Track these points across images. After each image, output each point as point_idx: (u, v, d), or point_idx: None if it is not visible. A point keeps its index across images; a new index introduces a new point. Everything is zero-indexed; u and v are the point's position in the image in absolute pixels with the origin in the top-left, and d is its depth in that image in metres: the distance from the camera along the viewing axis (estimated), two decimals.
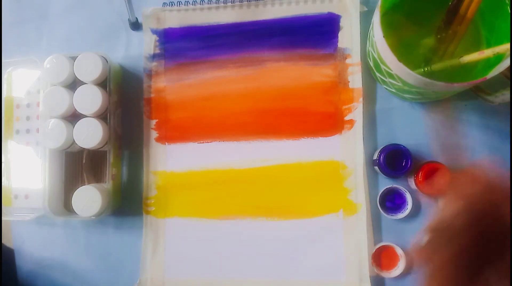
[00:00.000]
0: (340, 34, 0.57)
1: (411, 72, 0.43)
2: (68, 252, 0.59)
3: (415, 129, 0.54)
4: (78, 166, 0.59)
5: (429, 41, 0.53)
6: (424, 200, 0.54)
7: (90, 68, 0.54)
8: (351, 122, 0.55)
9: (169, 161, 0.58)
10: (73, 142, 0.54)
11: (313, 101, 0.56)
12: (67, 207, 0.57)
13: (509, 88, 0.48)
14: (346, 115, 0.55)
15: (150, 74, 0.60)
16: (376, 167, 0.53)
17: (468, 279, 0.33)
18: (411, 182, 0.53)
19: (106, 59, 0.55)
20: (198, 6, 0.59)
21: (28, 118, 0.61)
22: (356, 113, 0.55)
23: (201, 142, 0.58)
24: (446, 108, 0.54)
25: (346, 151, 0.55)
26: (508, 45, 0.43)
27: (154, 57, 0.60)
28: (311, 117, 0.56)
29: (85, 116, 0.54)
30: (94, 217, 0.53)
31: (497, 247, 0.33)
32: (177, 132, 0.58)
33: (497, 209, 0.34)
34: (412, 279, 0.53)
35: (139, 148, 0.59)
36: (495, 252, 0.33)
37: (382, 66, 0.48)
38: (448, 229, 0.34)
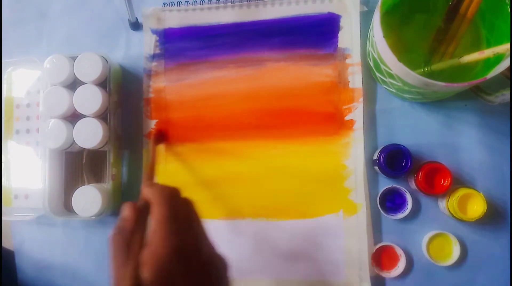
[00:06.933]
0: (340, 34, 0.57)
1: (411, 72, 0.43)
2: (68, 252, 0.59)
3: (415, 129, 0.54)
4: (78, 166, 0.59)
5: (429, 41, 0.53)
6: (424, 200, 0.54)
7: (90, 68, 0.54)
8: (351, 122, 0.55)
9: (169, 161, 0.58)
10: (73, 142, 0.54)
11: (313, 101, 0.56)
12: (67, 207, 0.57)
13: (509, 88, 0.48)
14: (346, 115, 0.55)
15: (150, 74, 0.60)
16: (376, 167, 0.53)
17: None
18: (411, 182, 0.53)
19: (106, 59, 0.55)
20: (198, 6, 0.59)
21: (28, 118, 0.61)
22: (356, 113, 0.55)
23: (201, 142, 0.58)
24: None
25: (346, 151, 0.55)
26: (508, 45, 0.43)
27: (154, 57, 0.60)
28: (311, 117, 0.56)
29: (85, 116, 0.54)
30: (94, 217, 0.53)
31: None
32: (177, 132, 0.58)
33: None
34: (412, 279, 0.53)
35: (139, 148, 0.59)
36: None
37: (382, 66, 0.48)
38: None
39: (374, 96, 0.56)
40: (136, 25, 0.61)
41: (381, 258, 0.53)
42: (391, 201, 0.54)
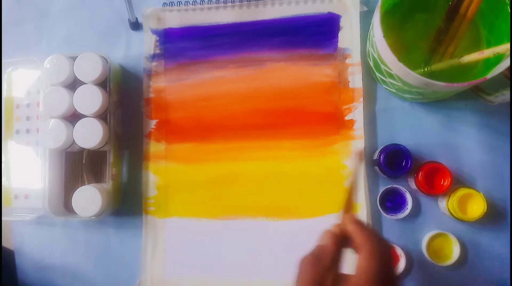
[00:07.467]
0: (340, 34, 0.57)
1: (411, 72, 0.43)
2: (68, 252, 0.59)
3: (415, 129, 0.54)
4: (78, 166, 0.59)
5: (429, 41, 0.53)
6: (424, 200, 0.54)
7: (90, 68, 0.54)
8: (351, 122, 0.55)
9: (169, 161, 0.58)
10: (73, 142, 0.54)
11: (313, 101, 0.56)
12: (67, 207, 0.57)
13: (509, 88, 0.48)
14: (346, 115, 0.55)
15: (150, 74, 0.60)
16: (376, 167, 0.53)
17: None
18: (411, 182, 0.53)
19: (106, 59, 0.55)
20: (198, 6, 0.59)
21: (28, 118, 0.61)
22: (356, 113, 0.55)
23: (201, 142, 0.58)
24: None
25: (346, 151, 0.55)
26: (508, 45, 0.43)
27: (154, 57, 0.60)
28: (311, 117, 0.56)
29: (85, 116, 0.54)
30: (94, 217, 0.53)
31: None
32: (177, 132, 0.58)
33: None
34: (412, 279, 0.53)
35: (139, 148, 0.59)
36: None
37: (382, 66, 0.48)
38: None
39: (374, 96, 0.56)
40: (136, 25, 0.61)
41: None
42: (391, 201, 0.54)
